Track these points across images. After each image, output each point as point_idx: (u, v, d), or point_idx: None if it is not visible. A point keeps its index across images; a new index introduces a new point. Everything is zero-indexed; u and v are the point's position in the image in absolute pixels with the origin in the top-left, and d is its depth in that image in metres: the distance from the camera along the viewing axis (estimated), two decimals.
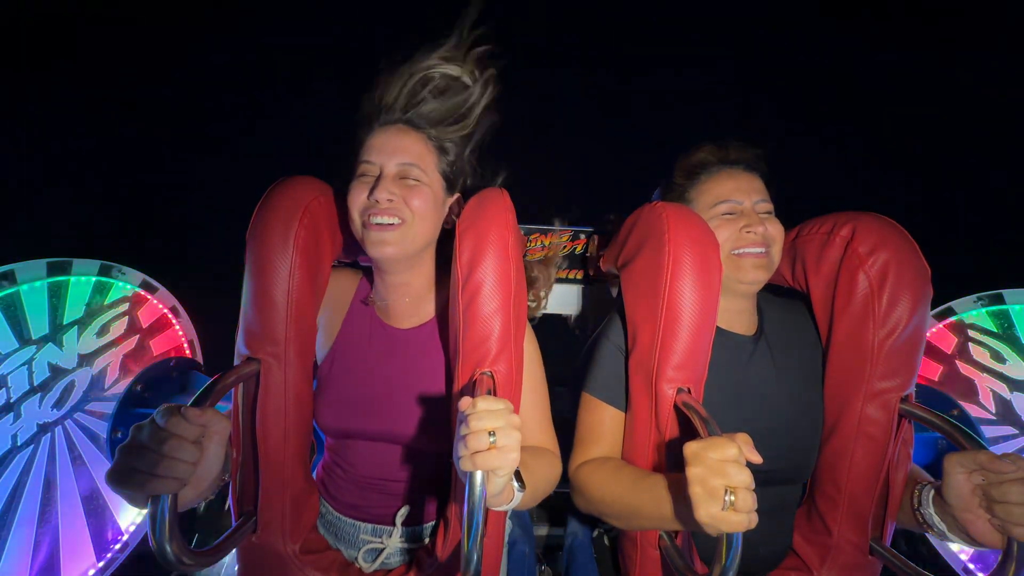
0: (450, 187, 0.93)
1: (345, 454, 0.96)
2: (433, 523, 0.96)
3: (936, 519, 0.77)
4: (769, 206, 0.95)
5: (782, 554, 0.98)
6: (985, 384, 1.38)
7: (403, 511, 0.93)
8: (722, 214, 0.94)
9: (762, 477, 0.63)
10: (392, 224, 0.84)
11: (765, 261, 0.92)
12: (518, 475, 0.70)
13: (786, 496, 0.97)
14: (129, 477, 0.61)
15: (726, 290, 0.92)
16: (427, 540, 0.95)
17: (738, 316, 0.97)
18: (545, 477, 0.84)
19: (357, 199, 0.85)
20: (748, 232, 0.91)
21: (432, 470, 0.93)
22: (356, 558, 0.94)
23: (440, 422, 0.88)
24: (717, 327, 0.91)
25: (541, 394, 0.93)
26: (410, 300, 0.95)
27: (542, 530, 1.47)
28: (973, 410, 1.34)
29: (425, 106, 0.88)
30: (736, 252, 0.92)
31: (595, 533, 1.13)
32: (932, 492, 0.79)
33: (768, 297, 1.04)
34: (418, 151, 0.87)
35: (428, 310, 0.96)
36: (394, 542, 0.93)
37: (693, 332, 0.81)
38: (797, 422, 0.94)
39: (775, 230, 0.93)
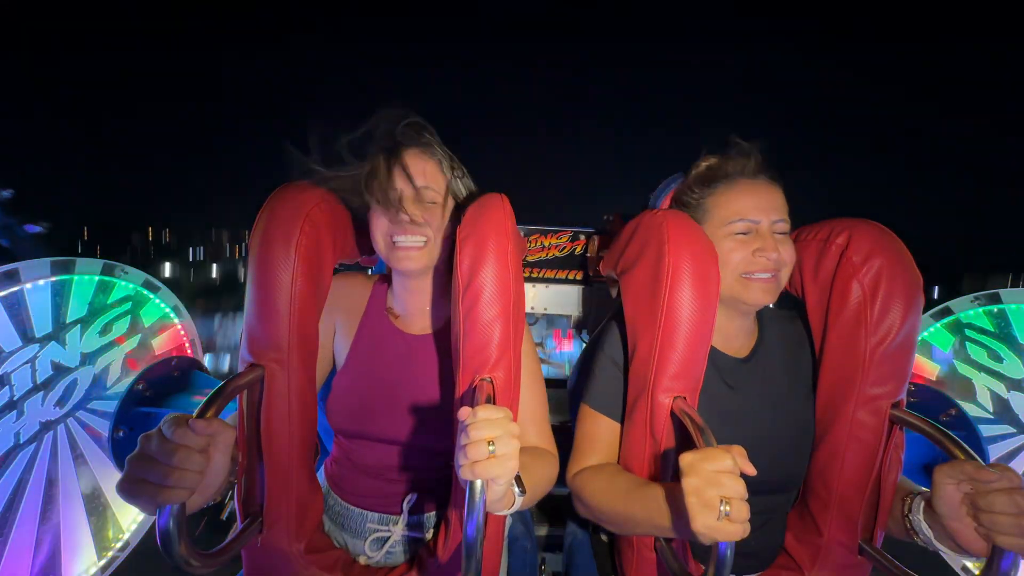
0: (455, 199, 0.98)
1: (355, 450, 0.99)
2: (436, 513, 0.98)
3: (924, 526, 0.77)
4: (786, 225, 0.90)
5: (773, 554, 0.98)
6: (983, 383, 1.39)
7: (409, 499, 0.96)
8: (736, 233, 0.89)
9: (752, 487, 0.64)
10: (416, 245, 0.92)
11: (773, 286, 0.89)
12: (518, 480, 0.71)
13: (777, 502, 0.97)
14: (140, 488, 0.62)
15: (727, 308, 0.91)
16: (431, 530, 0.97)
17: (735, 336, 0.96)
18: (544, 477, 0.86)
19: (380, 221, 0.92)
20: (761, 256, 0.88)
21: (439, 464, 0.94)
22: (363, 547, 0.96)
23: (449, 423, 0.90)
24: (712, 346, 0.90)
25: (538, 395, 0.94)
26: (426, 306, 1.01)
27: (542, 530, 1.48)
28: (971, 409, 1.34)
29: (428, 130, 0.95)
30: (745, 275, 0.89)
31: (592, 530, 1.14)
32: (923, 502, 0.79)
33: (770, 310, 1.02)
34: (431, 173, 0.94)
35: (439, 316, 1.01)
36: (399, 530, 0.96)
37: (690, 342, 0.81)
38: (787, 436, 0.93)
39: (787, 254, 0.89)
